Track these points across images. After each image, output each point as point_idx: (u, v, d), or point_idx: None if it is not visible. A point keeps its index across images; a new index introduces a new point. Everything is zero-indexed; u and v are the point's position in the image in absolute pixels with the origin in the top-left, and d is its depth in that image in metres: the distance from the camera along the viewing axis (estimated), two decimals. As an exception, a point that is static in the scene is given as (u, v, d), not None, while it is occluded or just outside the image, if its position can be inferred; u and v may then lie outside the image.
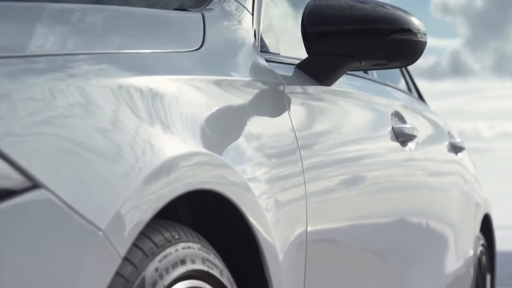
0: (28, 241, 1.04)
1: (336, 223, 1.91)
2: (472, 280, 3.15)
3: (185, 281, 1.32)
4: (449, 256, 2.93)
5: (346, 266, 1.95)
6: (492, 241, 3.61)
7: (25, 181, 1.06)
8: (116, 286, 1.15)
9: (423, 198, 2.64)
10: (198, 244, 1.38)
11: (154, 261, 1.25)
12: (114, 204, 1.14)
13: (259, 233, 1.52)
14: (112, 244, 1.12)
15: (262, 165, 1.60)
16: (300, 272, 1.68)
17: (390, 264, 2.29)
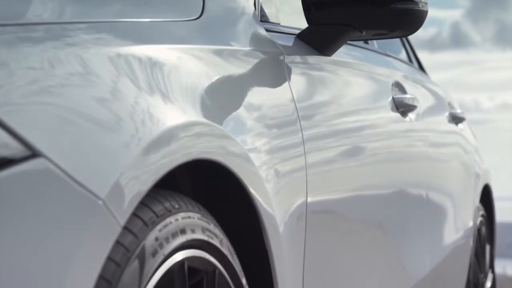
0: (27, 210, 1.04)
1: (336, 194, 1.91)
2: (472, 251, 3.15)
3: (185, 250, 1.32)
4: (449, 226, 2.93)
5: (346, 236, 1.96)
6: (492, 212, 3.61)
7: (24, 150, 1.06)
8: (116, 255, 1.15)
9: (423, 169, 2.64)
10: (198, 214, 1.38)
11: (154, 231, 1.24)
12: (114, 173, 1.13)
13: (260, 204, 1.52)
14: (112, 213, 1.12)
15: (262, 135, 1.60)
16: (300, 243, 1.68)
17: (390, 235, 2.29)
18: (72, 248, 1.06)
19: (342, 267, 1.94)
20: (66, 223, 1.06)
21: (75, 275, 1.06)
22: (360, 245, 2.06)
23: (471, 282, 3.12)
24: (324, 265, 1.82)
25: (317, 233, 1.76)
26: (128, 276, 1.16)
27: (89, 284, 1.08)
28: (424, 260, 2.60)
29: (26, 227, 1.03)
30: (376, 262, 2.17)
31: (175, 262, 1.29)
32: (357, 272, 2.03)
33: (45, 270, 1.03)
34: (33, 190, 1.05)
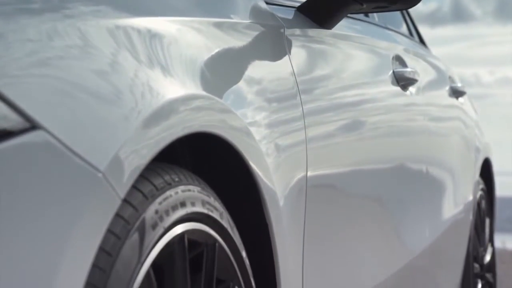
0: (26, 182, 1.03)
1: (336, 168, 1.91)
2: (471, 224, 3.16)
3: (185, 223, 1.32)
4: (449, 200, 2.94)
5: (346, 210, 1.96)
6: (492, 185, 3.62)
7: (23, 122, 1.05)
8: (116, 228, 1.15)
9: (423, 143, 2.64)
10: (198, 187, 1.38)
11: (154, 204, 1.24)
12: (114, 146, 1.13)
13: (260, 178, 1.52)
14: (112, 186, 1.11)
15: (262, 109, 1.59)
16: (300, 217, 1.68)
17: (389, 208, 2.29)
18: (72, 221, 1.06)
19: (342, 241, 1.94)
20: (66, 196, 1.06)
21: (75, 247, 1.06)
22: (360, 218, 2.06)
23: (470, 256, 3.13)
24: (324, 239, 1.82)
25: (317, 207, 1.76)
26: (128, 249, 1.16)
27: (89, 256, 1.08)
28: (423, 234, 2.61)
29: (26, 199, 1.03)
30: (375, 235, 2.18)
31: (175, 235, 1.29)
32: (357, 245, 2.04)
33: (44, 242, 1.03)
34: (32, 162, 1.04)
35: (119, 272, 1.13)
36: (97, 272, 1.10)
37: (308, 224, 1.71)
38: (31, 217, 1.03)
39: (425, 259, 2.62)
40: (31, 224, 1.03)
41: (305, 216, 1.70)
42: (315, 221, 1.75)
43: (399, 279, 2.35)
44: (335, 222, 1.90)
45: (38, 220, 1.03)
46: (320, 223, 1.79)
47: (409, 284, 2.48)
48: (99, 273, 1.10)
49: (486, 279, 3.41)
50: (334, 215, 1.89)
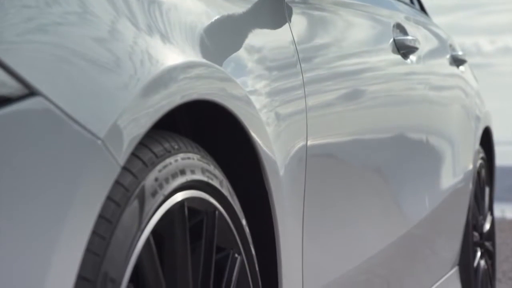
0: (26, 148, 1.03)
1: (336, 137, 1.90)
2: (471, 193, 3.16)
3: (184, 191, 1.32)
4: (448, 169, 2.94)
5: (345, 179, 1.96)
6: (492, 154, 3.62)
7: (21, 88, 1.05)
8: (116, 195, 1.15)
9: (424, 113, 2.63)
10: (197, 155, 1.38)
11: (154, 171, 1.24)
12: (113, 114, 1.13)
13: (260, 147, 1.51)
14: (111, 153, 1.11)
15: (262, 78, 1.59)
16: (299, 186, 1.68)
17: (389, 178, 2.29)
18: (71, 188, 1.06)
19: (341, 209, 1.94)
20: (65, 163, 1.06)
21: (75, 214, 1.06)
22: (359, 187, 2.07)
23: (470, 224, 3.14)
24: (324, 208, 1.83)
25: (316, 176, 1.76)
26: (128, 216, 1.16)
27: (89, 223, 1.08)
28: (423, 203, 2.61)
29: (25, 165, 1.03)
30: (375, 204, 2.18)
31: (175, 203, 1.29)
32: (356, 214, 2.04)
33: (44, 208, 1.03)
34: (31, 129, 1.04)
35: (119, 239, 1.14)
36: (97, 239, 1.10)
37: (308, 193, 1.71)
38: (30, 183, 1.03)
39: (425, 228, 2.63)
40: (30, 191, 1.03)
41: (305, 185, 1.70)
42: (315, 190, 1.75)
43: (398, 248, 2.36)
44: (335, 191, 1.90)
45: (37, 186, 1.03)
46: (320, 192, 1.79)
47: (408, 253, 2.49)
48: (99, 240, 1.11)
49: (485, 248, 3.42)
50: (333, 184, 1.89)
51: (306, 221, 1.71)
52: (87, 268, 1.08)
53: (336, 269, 1.92)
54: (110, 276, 1.11)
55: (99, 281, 1.09)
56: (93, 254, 1.10)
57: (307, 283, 1.71)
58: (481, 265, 3.34)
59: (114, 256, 1.12)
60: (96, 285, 1.09)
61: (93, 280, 1.09)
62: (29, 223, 1.02)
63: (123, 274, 1.14)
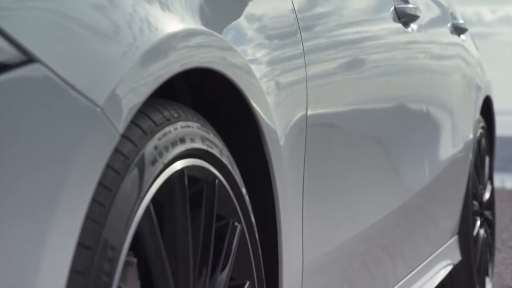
0: (24, 115, 1.03)
1: (336, 107, 1.90)
2: (471, 163, 3.17)
3: (184, 159, 1.32)
4: (449, 139, 2.94)
5: (345, 149, 1.96)
6: (492, 123, 3.61)
7: (19, 55, 1.04)
8: (115, 163, 1.15)
9: (424, 82, 2.63)
10: (197, 123, 1.38)
11: (153, 139, 1.24)
12: (112, 82, 1.12)
13: (261, 117, 1.51)
14: (110, 121, 1.11)
15: (262, 46, 1.58)
16: (300, 156, 1.69)
17: (389, 147, 2.29)
18: (70, 155, 1.06)
19: (341, 179, 1.95)
20: (64, 130, 1.06)
21: (74, 181, 1.06)
22: (359, 157, 2.07)
23: (470, 193, 3.14)
24: (324, 177, 1.83)
25: (317, 146, 1.76)
26: (128, 184, 1.16)
27: (88, 190, 1.08)
28: (423, 172, 2.62)
29: (23, 133, 1.03)
30: (374, 174, 2.18)
31: (175, 171, 1.29)
32: (356, 183, 2.04)
33: (43, 176, 1.03)
34: (29, 96, 1.04)
35: (119, 207, 1.14)
36: (96, 207, 1.10)
37: (308, 163, 1.71)
38: (29, 151, 1.03)
39: (424, 198, 2.63)
40: (28, 158, 1.03)
41: (305, 155, 1.70)
42: (315, 159, 1.75)
43: (398, 217, 2.37)
44: (335, 160, 1.90)
45: (35, 154, 1.03)
46: (320, 162, 1.79)
47: (408, 222, 2.50)
48: (99, 208, 1.11)
49: (485, 217, 3.43)
50: (333, 154, 1.89)
51: (306, 190, 1.71)
52: (87, 236, 1.09)
53: (335, 238, 1.92)
54: (110, 244, 1.12)
55: (99, 248, 1.10)
56: (93, 221, 1.10)
57: (307, 252, 1.72)
58: (481, 234, 3.35)
59: (114, 224, 1.13)
60: (96, 252, 1.09)
61: (93, 247, 1.09)
62: (28, 190, 1.02)
63: (123, 242, 1.14)
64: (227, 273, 1.44)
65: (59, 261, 1.04)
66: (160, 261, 1.27)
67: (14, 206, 1.01)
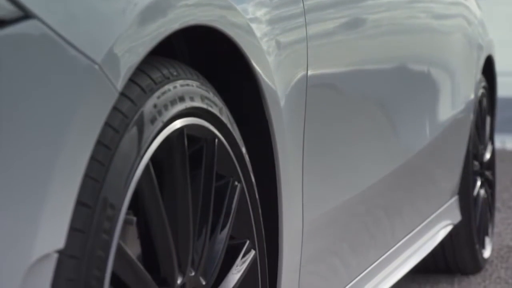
0: (21, 73, 1.03)
1: (336, 68, 1.89)
2: (472, 123, 3.16)
3: (184, 118, 1.32)
4: (450, 99, 2.93)
5: (345, 110, 1.95)
6: (494, 83, 3.60)
7: (16, 11, 1.03)
8: (114, 121, 1.14)
9: (426, 42, 2.61)
10: (197, 82, 1.37)
11: (152, 98, 1.24)
12: (110, 39, 1.11)
13: (261, 77, 1.50)
14: (109, 78, 1.10)
15: (263, 5, 1.57)
16: (300, 117, 1.68)
17: (389, 108, 2.29)
18: (69, 113, 1.05)
19: (341, 140, 1.94)
20: (62, 87, 1.05)
21: (73, 139, 1.05)
22: (360, 117, 2.06)
23: (470, 153, 3.14)
24: (324, 138, 1.83)
25: (317, 107, 1.75)
26: (127, 142, 1.16)
27: (87, 149, 1.08)
28: (423, 133, 2.61)
29: (20, 91, 1.02)
30: (375, 134, 2.18)
31: (174, 130, 1.28)
32: (356, 144, 2.04)
33: (41, 133, 1.03)
34: (26, 52, 1.03)
35: (117, 166, 1.14)
36: (95, 165, 1.10)
37: (308, 123, 1.71)
38: (26, 108, 1.02)
39: (425, 158, 2.63)
40: (26, 116, 1.02)
41: (305, 115, 1.70)
42: (315, 120, 1.75)
43: (398, 177, 2.37)
44: (335, 121, 1.90)
45: (34, 111, 1.03)
46: (320, 123, 1.78)
47: (408, 183, 2.50)
48: (98, 166, 1.11)
49: (485, 177, 3.43)
50: (334, 114, 1.89)
51: (306, 151, 1.71)
52: (86, 194, 1.09)
53: (336, 198, 1.93)
54: (109, 202, 1.12)
55: (98, 206, 1.10)
56: (92, 179, 1.10)
57: (307, 212, 1.72)
58: (481, 194, 3.35)
59: (113, 182, 1.13)
60: (95, 210, 1.09)
61: (92, 205, 1.09)
62: (26, 148, 1.02)
63: (123, 201, 1.14)
64: (227, 232, 1.45)
65: (58, 218, 1.04)
66: (159, 220, 1.27)
67: (13, 164, 1.01)
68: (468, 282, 3.11)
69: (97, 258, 1.09)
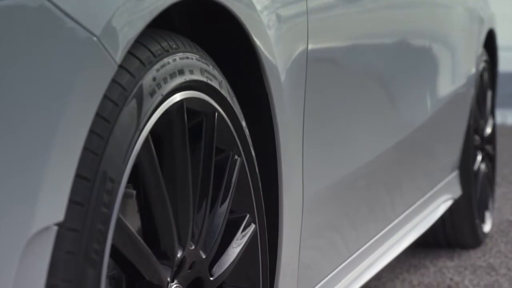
0: (20, 45, 1.02)
1: (337, 42, 1.88)
2: (473, 98, 3.15)
3: (183, 91, 1.31)
4: (451, 73, 2.92)
5: (346, 84, 1.95)
6: (495, 57, 3.59)
7: None
8: (113, 94, 1.13)
9: (426, 16, 2.60)
10: (196, 55, 1.36)
11: (152, 70, 1.23)
12: (109, 11, 1.11)
13: (262, 52, 1.50)
14: (108, 50, 1.10)
15: None
16: (300, 91, 1.67)
17: (390, 82, 2.28)
18: (68, 85, 1.05)
19: (341, 114, 1.94)
20: (60, 60, 1.05)
21: (72, 112, 1.05)
22: (360, 92, 2.06)
23: (471, 128, 3.14)
24: (324, 112, 1.82)
25: (317, 81, 1.75)
26: (126, 115, 1.15)
27: (86, 122, 1.08)
28: (424, 107, 2.61)
29: (19, 63, 1.02)
30: (375, 108, 2.17)
31: (174, 103, 1.28)
32: (357, 118, 2.04)
33: (40, 105, 1.02)
34: (25, 25, 1.02)
35: (117, 139, 1.13)
36: (95, 138, 1.10)
37: (308, 98, 1.70)
38: (25, 81, 1.02)
39: (425, 133, 2.63)
40: (25, 89, 1.02)
41: (305, 90, 1.69)
42: (316, 94, 1.74)
43: (398, 152, 2.37)
44: (335, 95, 1.89)
45: (32, 84, 1.02)
46: (320, 97, 1.78)
47: (408, 157, 2.50)
48: (97, 139, 1.10)
49: (486, 151, 3.43)
50: (334, 89, 1.88)
51: (307, 125, 1.71)
52: (85, 167, 1.08)
53: (336, 172, 1.92)
54: (109, 176, 1.11)
55: (97, 180, 1.09)
56: (91, 153, 1.09)
57: (307, 186, 1.72)
58: (481, 169, 3.35)
59: (112, 156, 1.12)
60: (94, 184, 1.09)
61: (91, 179, 1.09)
62: (24, 121, 1.01)
63: (122, 174, 1.14)
64: (226, 206, 1.44)
65: (58, 192, 1.04)
66: (159, 193, 1.27)
67: (11, 137, 1.01)
68: (468, 256, 3.11)
69: (97, 231, 1.09)
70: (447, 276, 2.86)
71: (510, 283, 2.76)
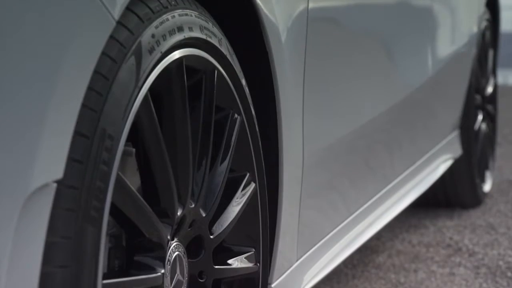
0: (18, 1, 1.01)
1: (337, 1, 1.87)
2: (475, 57, 3.14)
3: (183, 49, 1.30)
4: (452, 34, 2.91)
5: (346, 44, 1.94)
6: (497, 16, 3.56)
7: None
8: (112, 51, 1.12)
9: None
10: (195, 12, 1.35)
11: (150, 27, 1.22)
12: None
13: (262, 10, 1.48)
14: (106, 6, 1.09)
15: None
16: (300, 50, 1.66)
17: (391, 42, 2.27)
18: (65, 42, 1.04)
19: (342, 74, 1.93)
20: (58, 16, 1.03)
21: (70, 70, 1.04)
22: (361, 52, 2.05)
23: (472, 87, 3.12)
24: (325, 72, 1.81)
25: (318, 40, 1.74)
26: (125, 72, 1.14)
27: (84, 79, 1.07)
28: (425, 67, 2.60)
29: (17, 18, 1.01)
30: (376, 68, 2.16)
31: (173, 60, 1.27)
32: (357, 78, 2.03)
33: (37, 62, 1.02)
34: None
35: (116, 96, 1.12)
36: (93, 95, 1.09)
37: (309, 57, 1.69)
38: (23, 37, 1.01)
39: (426, 92, 2.62)
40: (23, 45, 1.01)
41: (306, 49, 1.68)
42: (316, 54, 1.73)
43: (399, 111, 2.36)
44: (336, 56, 1.88)
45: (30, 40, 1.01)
46: (321, 57, 1.77)
47: (409, 117, 2.49)
48: (96, 96, 1.09)
49: (487, 110, 3.42)
50: (334, 49, 1.87)
51: (307, 84, 1.70)
52: (84, 124, 1.08)
53: (336, 132, 1.92)
54: (108, 133, 1.11)
55: (96, 137, 1.09)
56: (90, 110, 1.08)
57: (307, 145, 1.72)
58: (482, 128, 3.35)
59: (111, 113, 1.11)
60: (93, 141, 1.09)
61: (90, 136, 1.08)
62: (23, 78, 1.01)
63: (121, 131, 1.13)
64: (226, 165, 1.44)
65: (57, 149, 1.04)
66: (158, 151, 1.26)
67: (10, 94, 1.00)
68: (468, 215, 3.12)
69: (96, 189, 1.09)
70: (446, 236, 2.86)
71: (509, 242, 2.77)
